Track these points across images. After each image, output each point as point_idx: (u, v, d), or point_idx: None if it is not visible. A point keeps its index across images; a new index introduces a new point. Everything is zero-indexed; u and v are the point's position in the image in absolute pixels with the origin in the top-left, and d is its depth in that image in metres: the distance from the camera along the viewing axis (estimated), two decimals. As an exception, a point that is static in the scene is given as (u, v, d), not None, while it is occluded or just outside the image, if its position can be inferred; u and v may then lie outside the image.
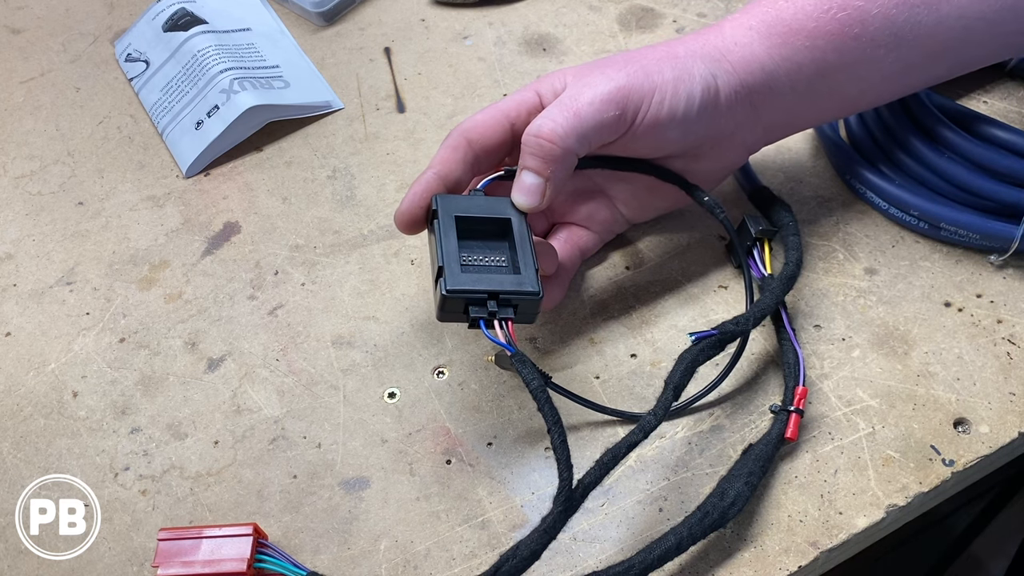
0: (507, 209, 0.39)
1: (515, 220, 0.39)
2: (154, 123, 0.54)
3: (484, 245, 0.39)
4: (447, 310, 0.36)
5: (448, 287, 0.36)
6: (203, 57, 0.54)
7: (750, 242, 0.44)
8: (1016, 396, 0.40)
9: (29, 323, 0.47)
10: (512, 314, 0.36)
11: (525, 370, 0.34)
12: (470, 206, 0.39)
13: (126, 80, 0.58)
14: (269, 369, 0.44)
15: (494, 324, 0.36)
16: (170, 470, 0.41)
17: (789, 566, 0.36)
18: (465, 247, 0.38)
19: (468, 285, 0.36)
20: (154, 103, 0.54)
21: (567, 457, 0.33)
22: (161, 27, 0.57)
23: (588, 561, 0.37)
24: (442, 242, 0.37)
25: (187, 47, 0.55)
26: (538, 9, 0.61)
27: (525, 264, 0.37)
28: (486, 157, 0.40)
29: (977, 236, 0.44)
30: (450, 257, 0.37)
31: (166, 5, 0.59)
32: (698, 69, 0.40)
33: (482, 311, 0.36)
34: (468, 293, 0.36)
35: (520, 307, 0.37)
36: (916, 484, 0.38)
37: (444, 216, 0.38)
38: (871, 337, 0.43)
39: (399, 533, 0.38)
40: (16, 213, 0.52)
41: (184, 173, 0.51)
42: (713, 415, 0.41)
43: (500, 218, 0.39)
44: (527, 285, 0.36)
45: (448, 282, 0.36)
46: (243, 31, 0.58)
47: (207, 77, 0.53)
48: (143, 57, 0.57)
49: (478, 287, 0.36)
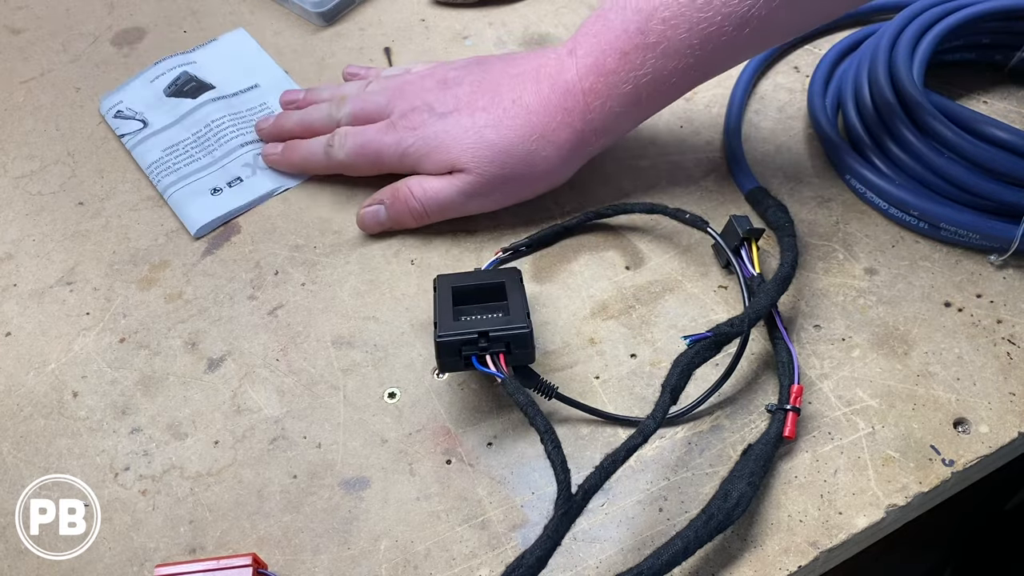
0: (502, 276, 0.42)
1: (508, 283, 0.42)
2: (151, 180, 0.52)
3: (481, 307, 0.42)
4: (445, 355, 0.39)
5: (439, 333, 0.39)
6: (218, 128, 0.54)
7: (737, 242, 0.44)
8: (1016, 396, 0.40)
9: (29, 323, 0.47)
10: (503, 349, 0.38)
11: (517, 394, 0.36)
12: (467, 279, 0.43)
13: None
14: (269, 369, 0.44)
15: (486, 359, 0.38)
16: (170, 470, 0.41)
17: (789, 566, 0.36)
18: (466, 312, 0.41)
19: (456, 330, 0.39)
20: (154, 161, 0.52)
21: (563, 461, 0.34)
22: (163, 91, 0.56)
23: (588, 561, 0.37)
24: (438, 305, 0.41)
25: (198, 116, 0.54)
26: (538, 9, 0.61)
27: (515, 309, 0.40)
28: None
29: (977, 236, 0.44)
30: (444, 315, 0.40)
31: (166, 68, 0.57)
32: (555, 142, 0.45)
33: (472, 349, 0.38)
34: (459, 335, 0.39)
35: (512, 343, 0.39)
36: (916, 484, 0.38)
37: (442, 291, 0.42)
38: (871, 337, 0.43)
39: (399, 533, 0.38)
40: (16, 213, 0.52)
41: (193, 235, 0.50)
42: (713, 415, 0.41)
43: (495, 283, 0.42)
44: (516, 323, 0.39)
45: (439, 330, 0.39)
46: (252, 89, 0.56)
47: (225, 149, 0.53)
48: (139, 116, 0.55)
49: (468, 330, 0.39)
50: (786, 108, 0.53)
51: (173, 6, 0.63)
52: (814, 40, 0.57)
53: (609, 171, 0.51)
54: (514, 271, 0.43)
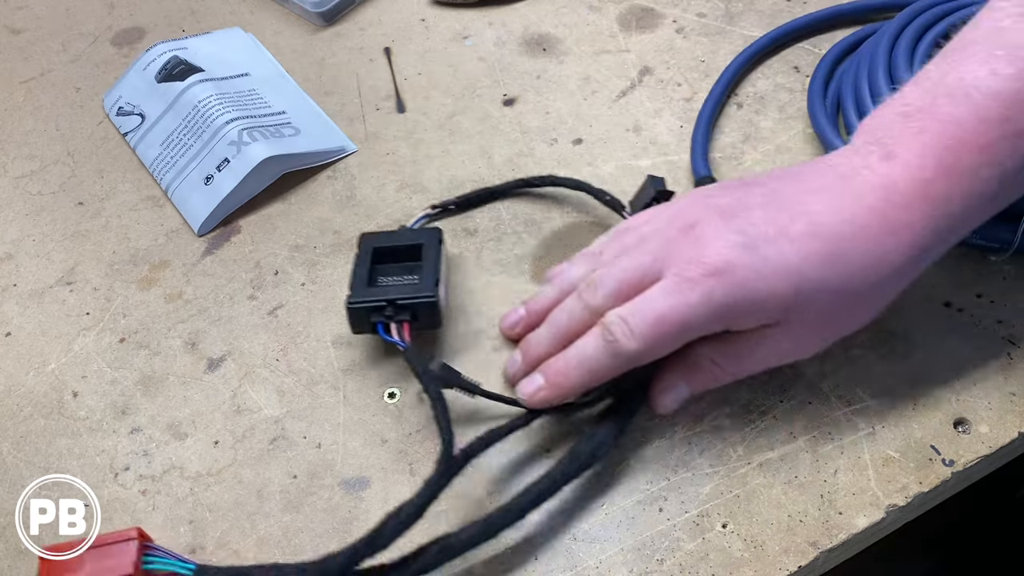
0: (422, 236, 0.44)
1: (427, 244, 0.43)
2: (156, 180, 0.51)
3: (400, 268, 0.44)
4: (354, 321, 0.41)
5: (349, 301, 0.41)
6: (205, 108, 0.51)
7: (648, 201, 0.44)
8: (1016, 396, 0.40)
9: (29, 323, 0.47)
10: (409, 318, 0.41)
11: (416, 362, 0.39)
12: (389, 239, 0.44)
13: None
14: (269, 369, 0.44)
15: (391, 327, 0.40)
16: (170, 470, 0.41)
17: (789, 566, 0.36)
18: (381, 271, 0.44)
19: (368, 297, 0.41)
20: (154, 159, 0.51)
21: (448, 425, 0.37)
22: (154, 78, 0.55)
23: (588, 561, 0.37)
24: (355, 270, 0.43)
25: (186, 98, 0.53)
26: (538, 9, 0.61)
27: (426, 276, 0.42)
28: None
29: (977, 236, 0.44)
30: (359, 280, 0.42)
31: (157, 54, 0.56)
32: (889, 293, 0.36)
33: (379, 316, 0.41)
34: (367, 303, 0.41)
35: (418, 312, 0.41)
36: (916, 484, 0.38)
37: (363, 250, 0.44)
38: (871, 337, 0.43)
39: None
40: (16, 213, 0.52)
41: (197, 231, 0.49)
42: (713, 415, 0.41)
43: (414, 244, 0.44)
44: (423, 291, 0.41)
45: (351, 297, 0.41)
46: (242, 77, 0.55)
47: (212, 129, 0.51)
48: (137, 110, 0.54)
49: (377, 297, 0.41)
50: (786, 108, 0.53)
51: (173, 6, 0.63)
52: (814, 40, 0.56)
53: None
54: (435, 231, 0.45)
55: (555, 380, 0.38)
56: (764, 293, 0.35)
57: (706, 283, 0.35)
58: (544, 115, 0.54)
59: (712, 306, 0.35)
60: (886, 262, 0.35)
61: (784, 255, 0.34)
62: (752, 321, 0.36)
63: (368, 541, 0.34)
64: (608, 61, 0.57)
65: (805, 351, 0.38)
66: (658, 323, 0.35)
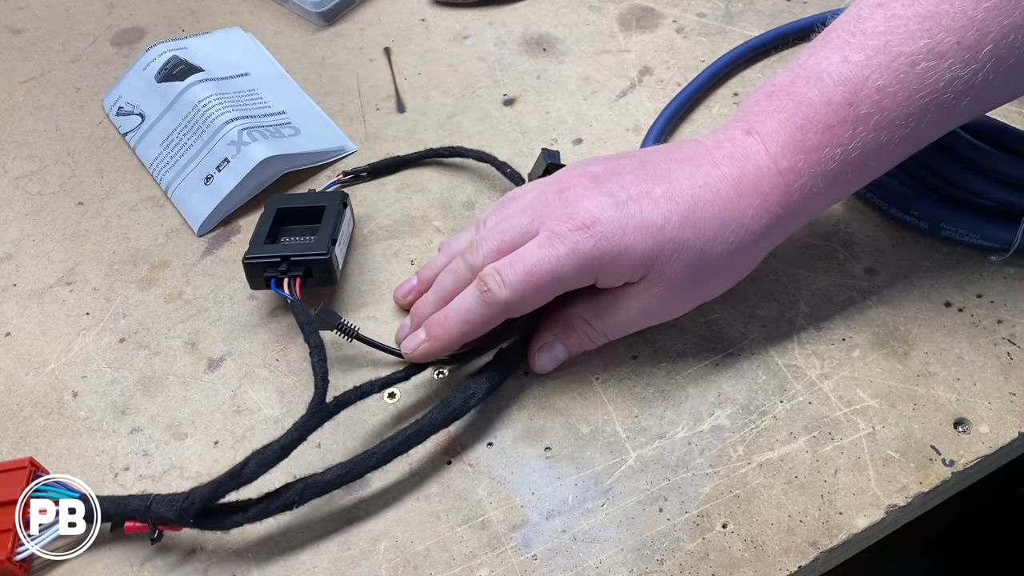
0: (326, 199, 0.46)
1: (329, 207, 0.46)
2: (156, 180, 0.51)
3: (302, 228, 0.46)
4: (250, 276, 0.44)
5: (245, 257, 0.43)
6: (205, 108, 0.51)
7: (541, 173, 0.46)
8: (1016, 396, 0.40)
9: (29, 323, 0.47)
10: (301, 273, 0.43)
11: (299, 313, 0.41)
12: (294, 200, 0.47)
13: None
14: (269, 369, 0.44)
15: (283, 282, 0.43)
16: (170, 470, 0.41)
17: (789, 566, 0.36)
18: (286, 232, 0.46)
19: (263, 253, 0.43)
20: (154, 159, 0.51)
21: (324, 373, 0.38)
22: (154, 78, 0.55)
23: (588, 561, 0.37)
24: (257, 228, 0.45)
25: (186, 97, 0.52)
26: (538, 9, 0.61)
27: (323, 235, 0.44)
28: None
29: (977, 236, 0.44)
30: (258, 237, 0.44)
31: (156, 54, 0.56)
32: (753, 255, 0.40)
33: (273, 271, 0.43)
34: (262, 258, 0.43)
35: (312, 268, 0.43)
36: (916, 484, 0.38)
37: (268, 208, 0.46)
38: (871, 337, 0.43)
39: (399, 533, 0.38)
40: (16, 213, 0.52)
41: (197, 231, 0.49)
42: (713, 415, 0.41)
43: (316, 206, 0.46)
44: (318, 248, 0.43)
45: (248, 253, 0.44)
46: (242, 76, 0.55)
47: (212, 128, 0.50)
48: (136, 110, 0.54)
49: (271, 253, 0.43)
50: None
51: (173, 6, 0.63)
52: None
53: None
54: (340, 195, 0.47)
55: (435, 332, 0.41)
56: (627, 246, 0.37)
57: (573, 237, 0.37)
58: (544, 115, 0.54)
59: (579, 258, 0.37)
60: (740, 225, 0.38)
61: (645, 213, 0.38)
62: (619, 275, 0.39)
63: (232, 475, 0.36)
64: (608, 61, 0.57)
65: (671, 312, 0.41)
66: (529, 273, 0.38)
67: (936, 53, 0.35)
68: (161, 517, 0.36)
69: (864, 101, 0.36)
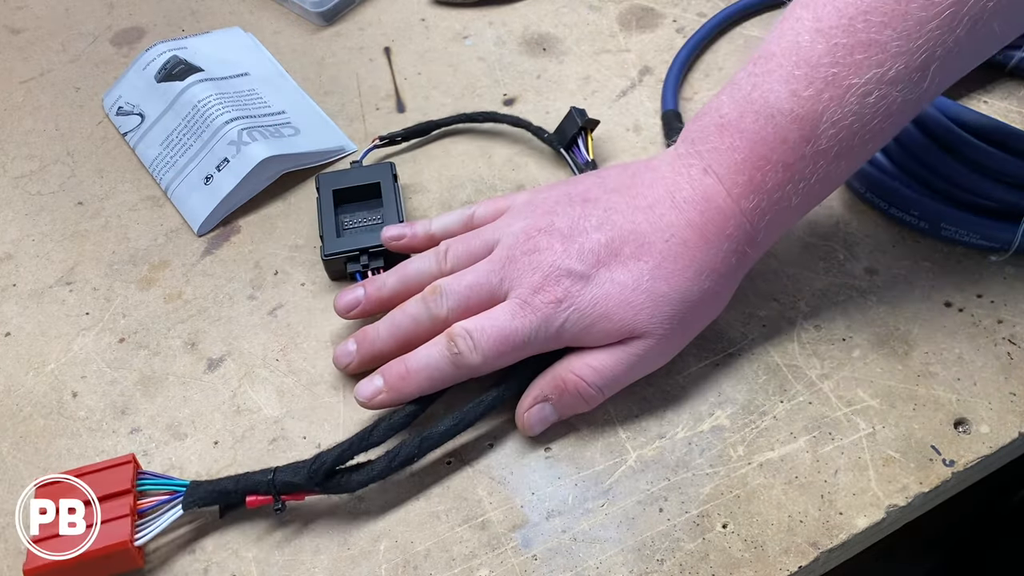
0: (377, 174, 0.48)
1: (384, 182, 0.47)
2: (156, 180, 0.51)
3: (362, 207, 0.47)
4: (331, 271, 0.46)
5: (325, 252, 0.45)
6: (205, 108, 0.51)
7: (575, 131, 0.49)
8: (1016, 396, 0.40)
9: (29, 323, 0.47)
10: (382, 264, 0.45)
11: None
12: (345, 178, 0.48)
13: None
14: (269, 369, 0.44)
15: (368, 274, 0.45)
16: (170, 470, 0.41)
17: (789, 566, 0.36)
18: (344, 212, 0.47)
19: (342, 247, 0.45)
20: (154, 159, 0.51)
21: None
22: (154, 77, 0.54)
23: (588, 561, 0.37)
24: (322, 215, 0.46)
25: (186, 97, 0.52)
26: (538, 9, 0.61)
27: (390, 218, 0.46)
28: None
29: (977, 236, 0.44)
30: (328, 227, 0.46)
31: (156, 54, 0.56)
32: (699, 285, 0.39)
33: (356, 265, 0.45)
34: (341, 254, 0.45)
35: (389, 256, 0.45)
36: (916, 484, 0.38)
37: (324, 191, 0.47)
38: (871, 337, 0.43)
39: (399, 533, 0.38)
40: (16, 213, 0.52)
41: (196, 231, 0.49)
42: (713, 415, 0.41)
43: (371, 183, 0.47)
44: None
45: (325, 248, 0.45)
46: (242, 76, 0.55)
47: (212, 128, 0.50)
48: (136, 110, 0.53)
49: (351, 247, 0.45)
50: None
51: (173, 6, 0.63)
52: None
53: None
54: (388, 166, 0.48)
55: (396, 384, 0.39)
56: (600, 315, 0.38)
57: (545, 310, 0.38)
58: (544, 115, 0.54)
59: (551, 330, 0.38)
60: (712, 270, 0.38)
61: (616, 277, 0.38)
62: (597, 340, 0.39)
63: (362, 437, 0.38)
64: (608, 61, 0.57)
65: (664, 359, 0.41)
66: (500, 342, 0.38)
67: (887, 80, 0.35)
68: (288, 484, 0.37)
69: (822, 136, 0.36)
